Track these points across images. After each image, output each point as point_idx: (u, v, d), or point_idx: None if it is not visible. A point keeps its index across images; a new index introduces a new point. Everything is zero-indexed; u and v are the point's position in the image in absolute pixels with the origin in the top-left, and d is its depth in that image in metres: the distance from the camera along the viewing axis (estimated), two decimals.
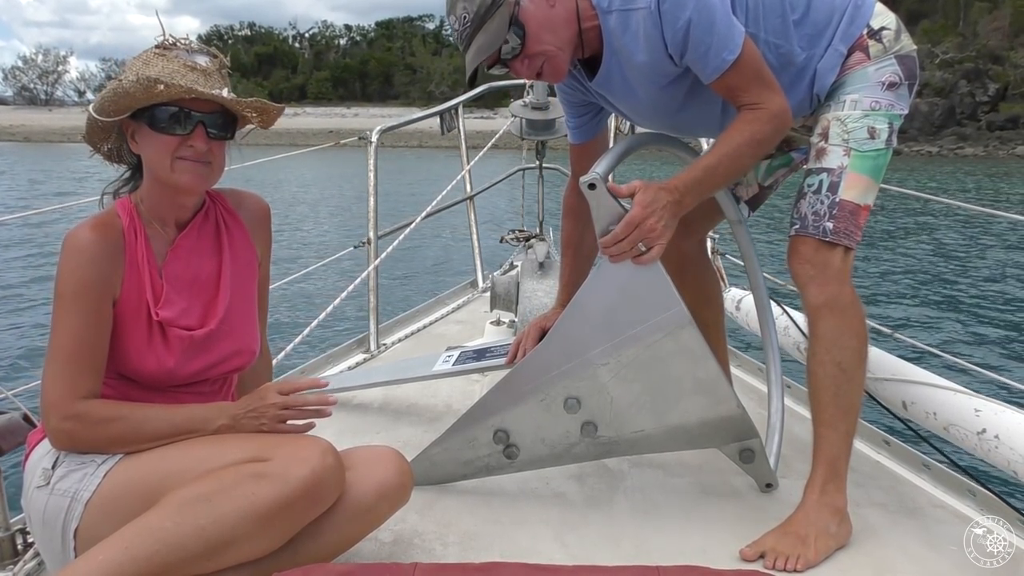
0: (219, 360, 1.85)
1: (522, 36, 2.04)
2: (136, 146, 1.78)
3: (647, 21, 2.01)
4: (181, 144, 1.73)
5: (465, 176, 4.95)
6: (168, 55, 1.72)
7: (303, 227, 19.33)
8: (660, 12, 1.98)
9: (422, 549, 2.01)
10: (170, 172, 1.75)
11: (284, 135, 48.14)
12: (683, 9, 1.95)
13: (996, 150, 51.92)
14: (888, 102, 2.14)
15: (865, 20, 2.18)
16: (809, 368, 2.11)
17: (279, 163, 4.06)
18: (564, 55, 2.10)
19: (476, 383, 3.15)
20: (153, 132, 1.73)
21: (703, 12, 1.96)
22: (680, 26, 1.97)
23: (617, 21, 2.07)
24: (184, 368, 1.79)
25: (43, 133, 69.91)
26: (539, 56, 2.08)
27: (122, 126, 1.78)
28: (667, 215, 1.95)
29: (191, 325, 1.81)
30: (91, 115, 1.75)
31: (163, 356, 1.76)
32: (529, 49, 2.07)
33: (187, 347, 1.79)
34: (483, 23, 2.04)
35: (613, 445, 2.18)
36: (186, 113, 1.72)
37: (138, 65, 1.70)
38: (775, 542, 1.96)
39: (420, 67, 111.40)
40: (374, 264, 3.79)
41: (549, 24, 2.06)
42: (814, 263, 2.08)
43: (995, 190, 29.75)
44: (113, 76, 1.74)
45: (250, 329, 1.93)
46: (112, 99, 1.69)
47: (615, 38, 2.10)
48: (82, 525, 1.65)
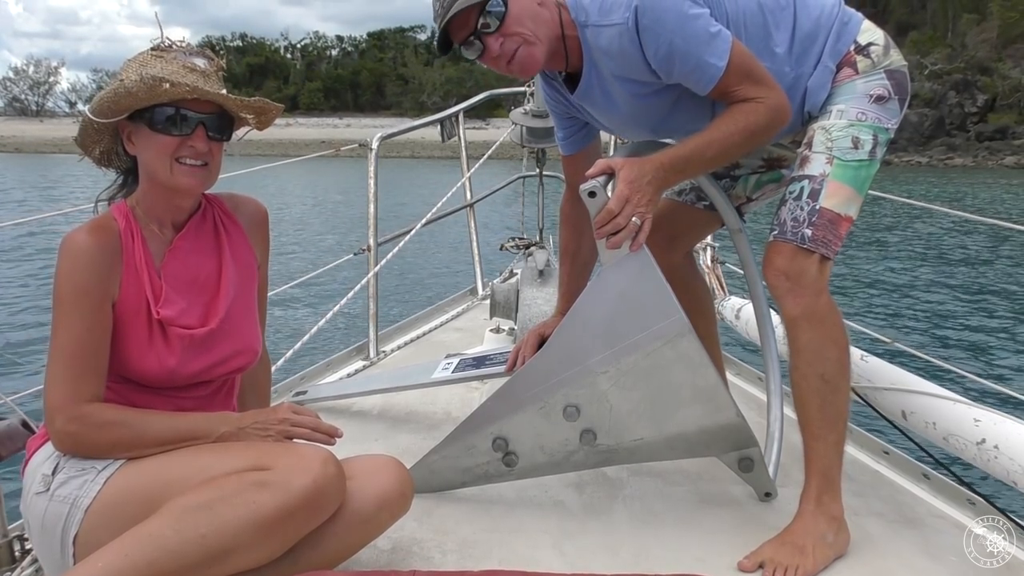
0: (220, 360, 1.85)
1: (503, 12, 2.02)
2: (133, 148, 1.78)
3: (623, 37, 2.01)
4: (181, 145, 1.74)
5: (465, 184, 4.96)
6: (166, 56, 1.72)
7: (300, 235, 19.34)
8: (638, 30, 1.98)
9: (420, 557, 2.00)
10: (169, 174, 1.75)
11: (277, 145, 48.08)
12: (663, 26, 1.96)
13: (985, 160, 52.28)
14: (875, 115, 2.13)
15: (852, 36, 2.18)
16: (792, 381, 2.11)
17: (273, 172, 4.06)
18: (540, 47, 2.07)
19: (475, 390, 3.15)
20: (153, 133, 1.73)
21: (685, 28, 1.96)
22: (662, 46, 1.98)
23: (593, 35, 2.08)
24: (185, 368, 1.79)
25: (34, 144, 69.60)
26: (516, 38, 2.04)
27: (118, 128, 1.78)
28: (651, 189, 1.95)
29: (191, 324, 1.80)
30: (87, 117, 1.74)
31: (164, 355, 1.76)
32: (507, 28, 2.03)
33: (188, 346, 1.78)
34: None
35: (612, 453, 2.18)
36: (187, 114, 1.72)
37: (135, 66, 1.71)
38: (773, 552, 1.95)
39: (412, 77, 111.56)
40: (374, 271, 3.79)
41: (532, 14, 2.06)
42: (789, 274, 2.06)
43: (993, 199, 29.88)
44: (104, 86, 1.73)
45: (251, 329, 1.93)
46: (112, 99, 1.69)
47: (592, 51, 2.11)
48: (81, 532, 1.64)
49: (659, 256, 2.00)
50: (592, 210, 1.95)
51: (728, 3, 2.09)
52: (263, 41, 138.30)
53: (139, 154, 1.78)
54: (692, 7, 1.97)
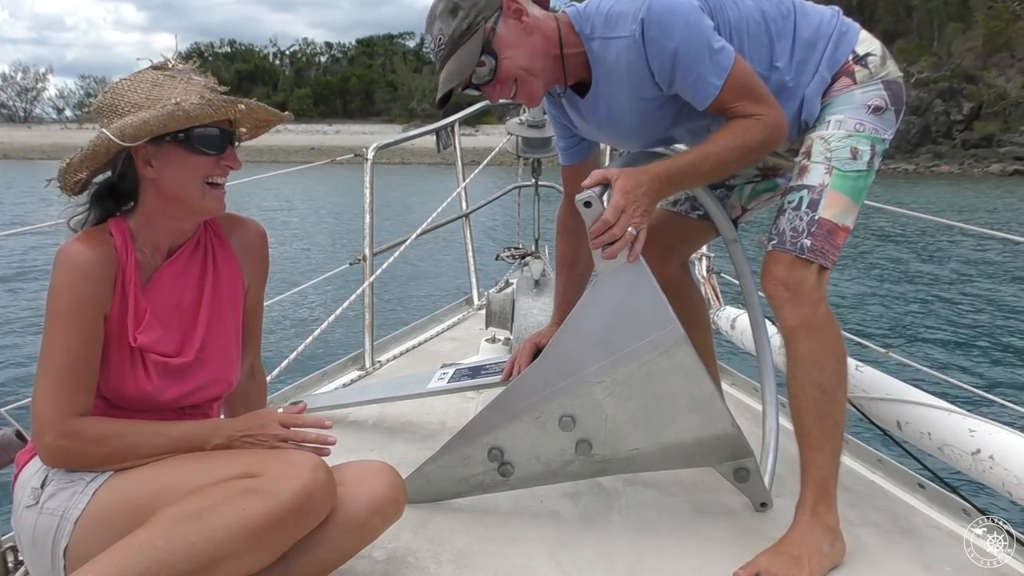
0: (195, 389, 1.83)
1: (495, 63, 2.06)
2: (151, 171, 1.74)
3: (631, 50, 2.02)
4: (216, 164, 1.74)
5: (461, 193, 4.95)
6: (178, 76, 1.73)
7: (294, 244, 19.32)
8: (645, 41, 1.99)
9: (416, 567, 1.99)
10: (200, 197, 1.76)
11: (266, 152, 48.05)
12: (669, 39, 1.96)
13: (971, 168, 52.71)
14: (873, 126, 2.14)
15: (850, 46, 2.19)
16: (790, 391, 2.11)
17: (263, 180, 4.04)
18: (538, 82, 2.12)
19: (471, 400, 3.13)
20: (189, 154, 1.72)
21: (690, 41, 1.96)
22: (667, 56, 1.98)
23: (600, 48, 2.09)
24: (162, 394, 1.77)
25: (22, 151, 69.38)
26: (510, 82, 2.10)
27: (132, 152, 1.73)
28: (647, 200, 1.95)
29: (168, 352, 1.79)
30: (108, 141, 1.68)
31: (142, 380, 1.75)
32: (501, 75, 2.08)
33: (163, 373, 1.77)
34: (456, 48, 2.05)
35: (608, 463, 2.17)
36: (222, 132, 1.74)
37: (146, 88, 1.70)
38: (769, 563, 1.94)
39: (401, 84, 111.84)
40: (369, 281, 3.78)
41: (524, 51, 2.08)
42: (788, 283, 2.07)
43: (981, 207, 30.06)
44: (92, 93, 1.71)
45: (228, 359, 1.91)
46: (162, 122, 1.65)
47: (600, 64, 2.11)
48: (72, 543, 1.62)
49: (655, 267, 2.00)
50: (588, 220, 1.94)
51: (731, 12, 2.09)
52: (252, 47, 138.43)
53: (162, 177, 1.74)
54: (699, 21, 1.97)
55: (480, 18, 2.04)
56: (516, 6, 2.06)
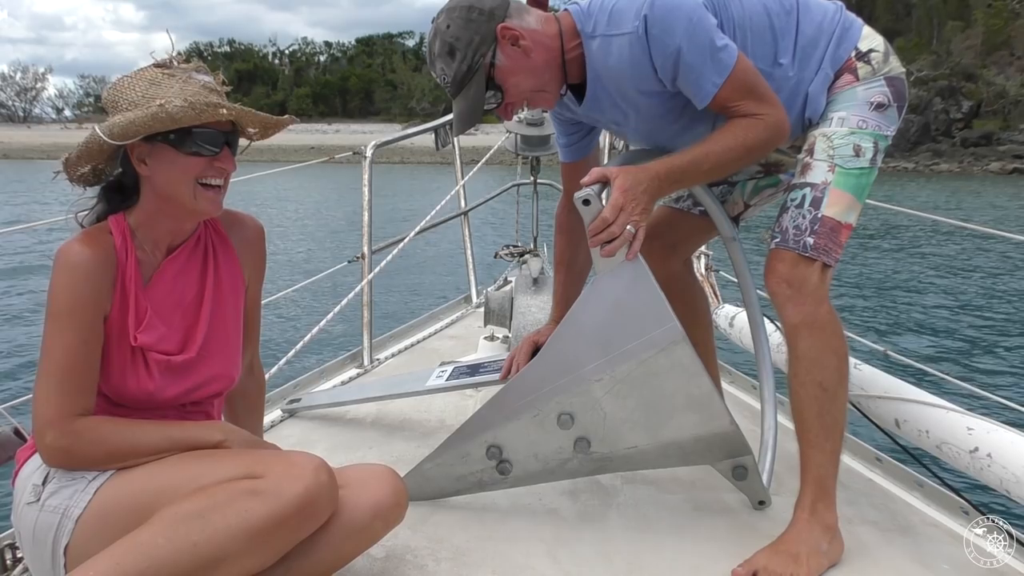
0: (197, 386, 1.83)
1: (502, 94, 2.10)
2: (145, 169, 1.73)
3: (634, 46, 2.01)
4: (208, 165, 1.73)
5: (460, 191, 4.95)
6: (177, 74, 1.71)
7: (293, 242, 19.33)
8: (648, 37, 1.98)
9: (414, 565, 2.00)
10: (192, 198, 1.74)
11: (266, 151, 47.86)
12: (672, 36, 1.96)
13: (971, 166, 52.65)
14: (875, 123, 2.13)
15: (853, 42, 2.18)
16: (791, 389, 2.10)
17: (262, 178, 4.05)
18: (547, 93, 2.15)
19: (469, 398, 3.14)
20: (180, 154, 1.70)
21: (692, 39, 1.96)
22: (670, 53, 1.97)
23: (601, 46, 2.08)
24: (164, 392, 1.77)
25: (21, 150, 69.33)
26: (519, 102, 2.14)
27: (127, 149, 1.73)
28: (646, 198, 1.95)
29: (170, 350, 1.78)
30: (100, 138, 1.67)
31: (144, 379, 1.74)
32: (509, 100, 2.12)
33: (165, 371, 1.77)
34: (461, 89, 2.07)
35: (606, 461, 2.17)
36: (216, 134, 1.72)
37: (143, 85, 1.69)
38: (767, 560, 1.95)
39: (401, 83, 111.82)
40: (368, 278, 3.77)
41: (527, 75, 2.10)
42: (791, 281, 2.07)
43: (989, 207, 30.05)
44: (92, 93, 1.70)
45: (230, 356, 1.91)
46: (147, 123, 1.64)
47: (598, 62, 2.11)
48: (72, 541, 1.62)
49: (658, 264, 2.00)
50: (586, 218, 1.94)
51: (735, 9, 2.09)
52: (251, 47, 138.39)
53: (154, 175, 1.73)
54: (702, 19, 1.96)
55: (478, 56, 2.04)
56: (511, 32, 2.05)
